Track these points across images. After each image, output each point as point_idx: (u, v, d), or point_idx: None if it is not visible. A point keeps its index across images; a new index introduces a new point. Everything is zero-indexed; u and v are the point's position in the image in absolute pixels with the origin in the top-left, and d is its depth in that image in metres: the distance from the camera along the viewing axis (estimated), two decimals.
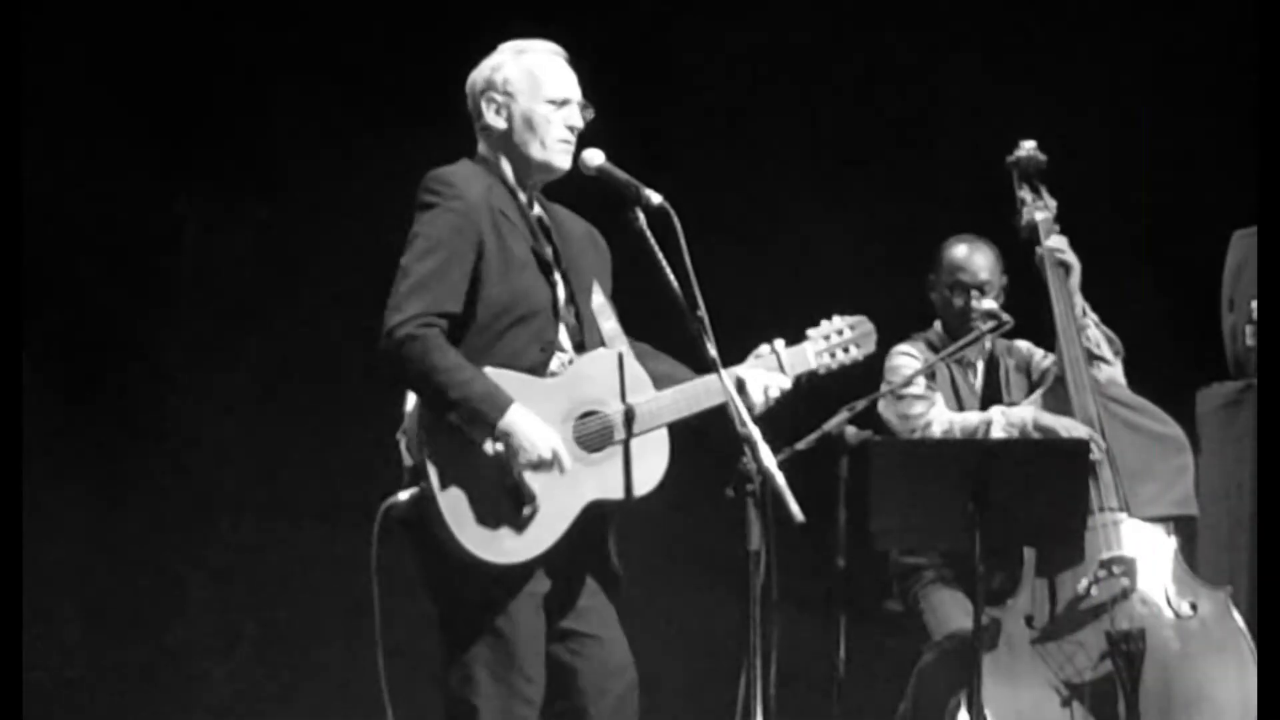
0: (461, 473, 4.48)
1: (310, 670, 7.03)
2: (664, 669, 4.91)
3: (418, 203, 4.62)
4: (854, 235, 7.14)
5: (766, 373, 4.70)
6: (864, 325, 4.85)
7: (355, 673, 6.62)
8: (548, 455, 4.48)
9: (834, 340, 4.81)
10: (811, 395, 4.95)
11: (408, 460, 4.53)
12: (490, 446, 4.46)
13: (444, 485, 4.47)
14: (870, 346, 4.85)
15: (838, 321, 4.83)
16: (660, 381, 4.66)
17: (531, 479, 4.48)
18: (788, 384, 4.73)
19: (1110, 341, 5.88)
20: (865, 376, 5.81)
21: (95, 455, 7.04)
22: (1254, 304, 6.02)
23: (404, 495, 4.51)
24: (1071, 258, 5.83)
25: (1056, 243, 5.84)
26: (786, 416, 4.79)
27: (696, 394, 4.62)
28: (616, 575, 4.69)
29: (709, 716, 5.11)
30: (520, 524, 4.49)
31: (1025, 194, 5.95)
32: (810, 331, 4.80)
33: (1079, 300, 5.83)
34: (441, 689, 4.57)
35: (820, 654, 5.37)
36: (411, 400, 4.55)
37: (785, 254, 7.20)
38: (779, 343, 4.76)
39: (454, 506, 4.46)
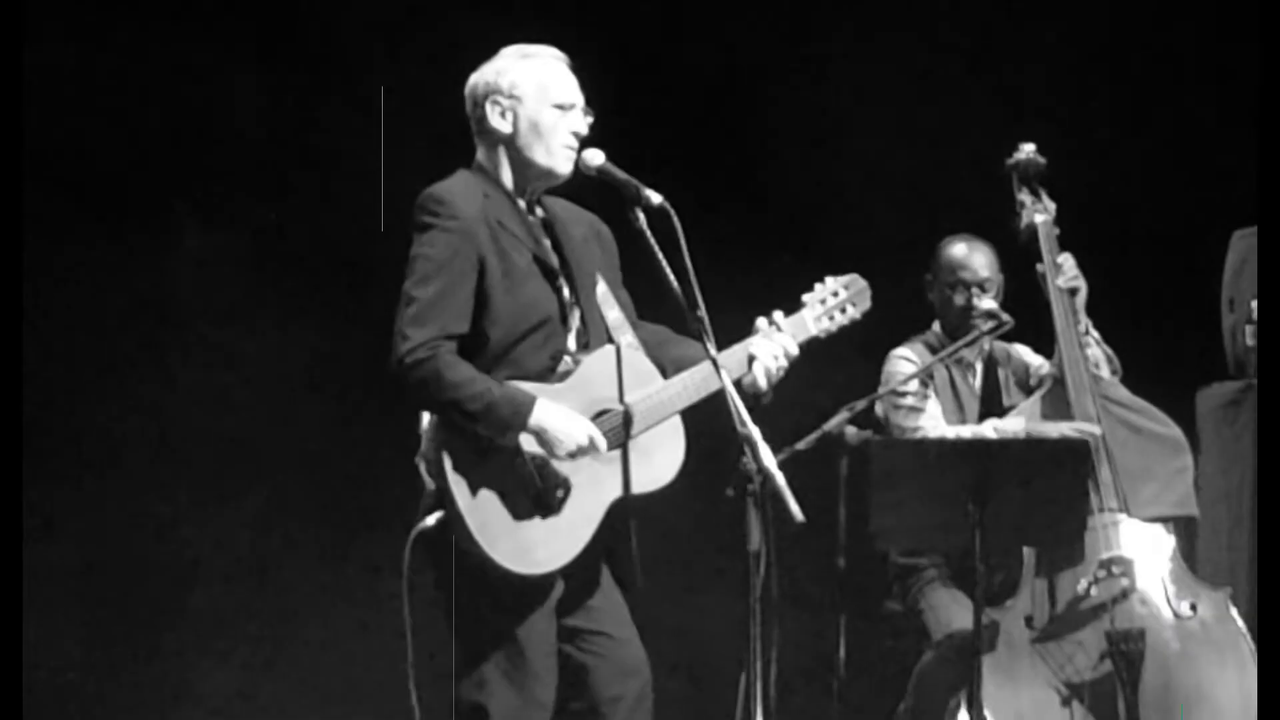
0: (484, 490, 4.49)
1: (311, 671, 7.03)
2: (664, 669, 4.90)
3: (414, 223, 4.61)
4: (852, 237, 7.13)
5: (770, 342, 4.69)
6: (858, 283, 4.85)
7: (355, 673, 6.65)
8: (585, 442, 4.49)
9: (830, 303, 4.80)
10: (812, 395, 4.95)
11: (429, 484, 4.53)
12: (527, 444, 4.46)
13: (469, 505, 4.47)
14: (866, 303, 4.84)
15: (831, 284, 4.82)
16: (679, 364, 4.64)
17: (566, 472, 4.49)
18: (794, 346, 4.70)
19: (1109, 360, 5.89)
20: (865, 377, 5.84)
21: (95, 455, 7.03)
22: (1254, 304, 6.02)
23: (431, 520, 4.51)
24: (1080, 281, 5.82)
25: (1067, 265, 5.82)
26: (787, 416, 4.79)
27: (704, 378, 4.59)
28: (635, 573, 4.68)
29: (709, 716, 5.11)
30: (549, 531, 4.49)
31: (1025, 197, 5.95)
32: (806, 297, 4.79)
33: (1084, 318, 5.82)
34: (455, 695, 4.57)
35: (820, 654, 5.37)
36: (425, 423, 4.56)
37: (782, 254, 7.18)
38: (777, 314, 4.74)
39: (483, 525, 4.47)
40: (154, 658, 7.07)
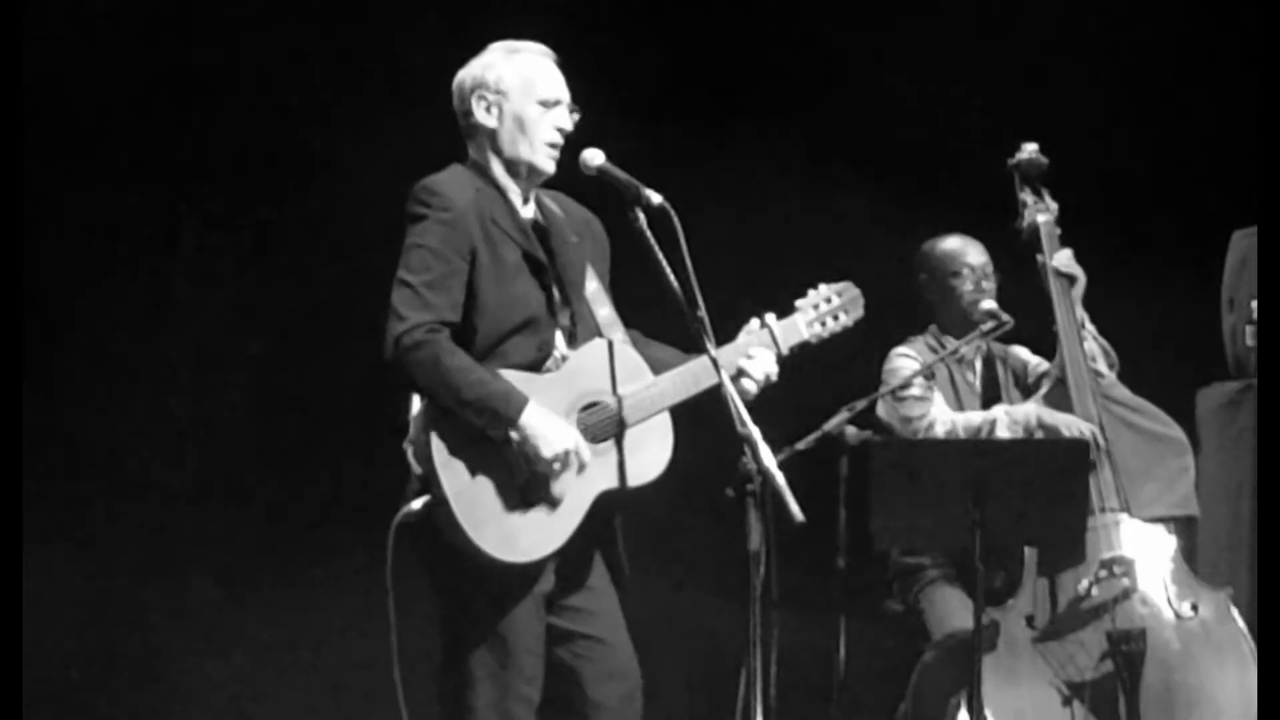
0: (472, 476, 4.48)
1: (310, 671, 7.03)
2: (664, 669, 4.90)
3: (408, 214, 4.63)
4: (853, 240, 7.13)
5: (762, 350, 4.70)
6: (850, 291, 4.85)
7: (354, 673, 6.65)
8: (569, 450, 4.49)
9: (823, 309, 4.80)
10: (812, 395, 4.95)
11: (416, 469, 4.53)
12: (515, 437, 4.46)
13: (456, 490, 4.47)
14: (859, 311, 4.84)
15: (824, 290, 4.83)
16: (657, 367, 4.66)
17: (549, 475, 4.49)
18: (774, 367, 4.69)
19: (1106, 354, 5.89)
20: (865, 376, 5.84)
21: (95, 455, 7.03)
22: (1254, 304, 6.02)
23: (416, 504, 4.51)
24: (1077, 269, 5.82)
25: (1064, 255, 5.83)
26: (787, 416, 4.79)
27: (695, 375, 4.61)
28: (623, 571, 4.69)
29: (709, 716, 5.11)
30: (535, 520, 4.49)
31: (1027, 196, 5.95)
32: (799, 303, 4.80)
33: (1080, 311, 5.82)
34: (438, 687, 4.58)
35: (820, 654, 5.38)
36: (415, 408, 4.55)
37: (782, 257, 7.19)
38: (770, 316, 4.75)
39: (468, 511, 4.47)
40: (154, 658, 7.07)
